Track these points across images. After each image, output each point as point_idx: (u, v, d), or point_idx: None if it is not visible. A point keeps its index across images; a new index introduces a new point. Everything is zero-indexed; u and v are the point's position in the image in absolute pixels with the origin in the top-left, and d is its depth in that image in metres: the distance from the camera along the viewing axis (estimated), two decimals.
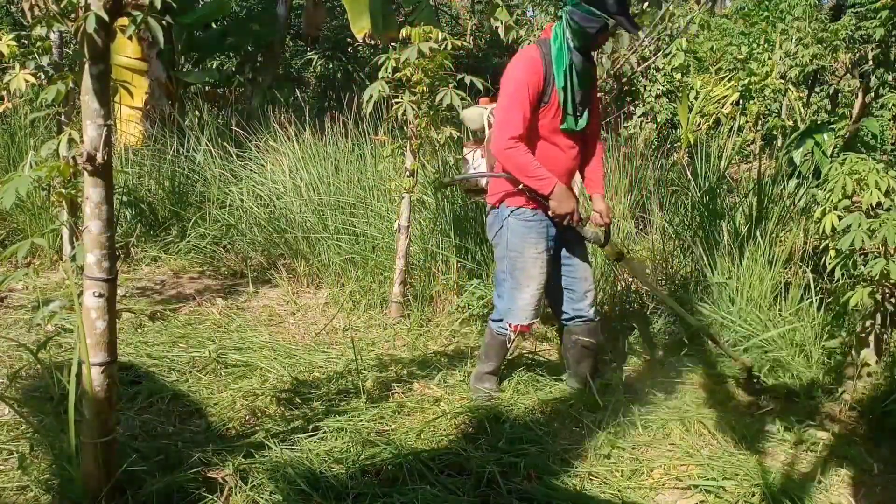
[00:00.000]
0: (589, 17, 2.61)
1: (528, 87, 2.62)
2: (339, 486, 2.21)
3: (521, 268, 2.79)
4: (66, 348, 3.21)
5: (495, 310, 2.97)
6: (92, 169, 1.85)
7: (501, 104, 2.69)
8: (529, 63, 2.66)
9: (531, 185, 2.68)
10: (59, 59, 4.09)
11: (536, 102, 2.66)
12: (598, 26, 2.62)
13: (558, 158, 2.78)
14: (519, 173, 2.67)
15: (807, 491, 2.37)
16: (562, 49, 2.67)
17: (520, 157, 2.64)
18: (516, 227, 2.78)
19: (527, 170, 2.65)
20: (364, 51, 10.47)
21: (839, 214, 3.09)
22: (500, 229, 2.83)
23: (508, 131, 2.62)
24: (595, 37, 2.67)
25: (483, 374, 3.01)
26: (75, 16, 1.80)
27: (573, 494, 2.27)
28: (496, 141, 2.66)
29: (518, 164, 2.65)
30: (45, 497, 2.08)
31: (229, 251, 4.91)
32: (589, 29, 2.63)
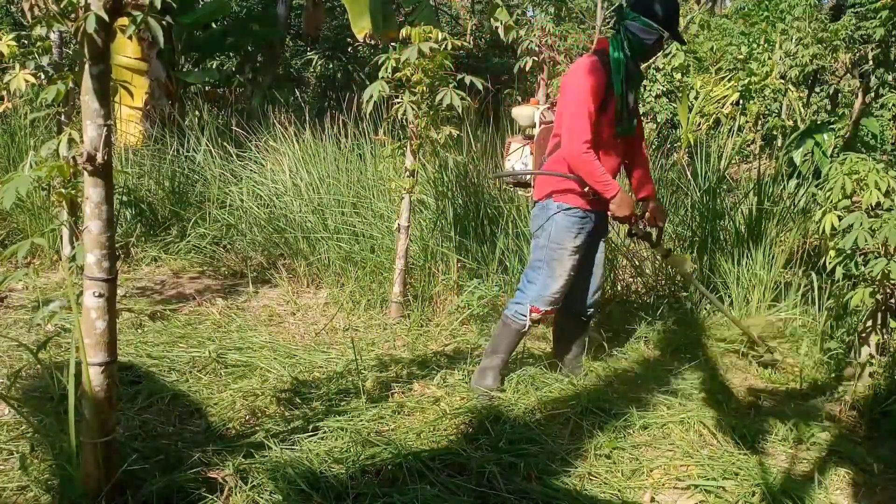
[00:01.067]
0: (647, 29, 2.84)
1: (595, 94, 2.80)
2: (339, 486, 2.21)
3: (559, 259, 2.95)
4: (66, 348, 3.21)
5: (518, 294, 3.05)
6: (92, 169, 1.85)
7: (570, 110, 2.82)
8: (595, 72, 2.82)
9: (597, 188, 2.86)
10: (59, 59, 4.09)
11: (599, 109, 2.83)
12: (654, 38, 2.87)
13: (611, 162, 2.97)
14: (589, 177, 2.84)
15: (807, 491, 2.38)
16: (620, 58, 2.86)
17: (592, 163, 2.81)
18: (562, 222, 2.94)
19: (595, 175, 2.83)
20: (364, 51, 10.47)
21: (839, 214, 3.09)
22: (545, 222, 2.98)
23: (582, 137, 2.78)
24: (651, 48, 2.92)
25: (487, 369, 3.05)
26: (75, 16, 1.80)
27: (573, 494, 2.27)
28: (571, 146, 2.81)
29: (590, 170, 2.82)
30: (45, 497, 2.08)
31: (229, 251, 4.91)
32: (647, 40, 2.86)
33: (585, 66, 2.85)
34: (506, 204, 4.51)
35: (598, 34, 4.76)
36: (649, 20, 2.82)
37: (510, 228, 4.38)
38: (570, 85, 2.86)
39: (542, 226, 2.99)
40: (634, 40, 2.86)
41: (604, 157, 2.91)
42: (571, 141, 2.82)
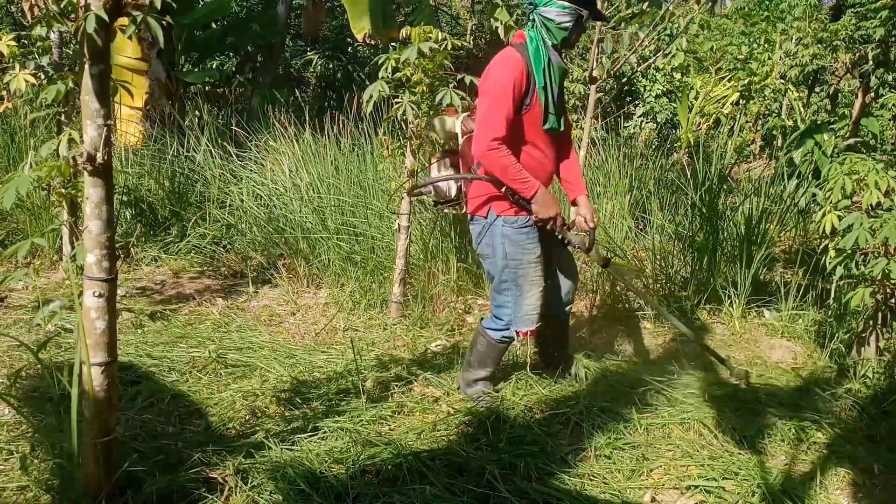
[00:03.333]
0: (562, 10, 2.67)
1: (512, 88, 2.61)
2: (339, 486, 2.21)
3: (523, 275, 2.77)
4: (66, 348, 3.21)
5: (492, 317, 2.92)
6: (92, 169, 1.85)
7: (483, 106, 2.64)
8: (512, 64, 2.64)
9: (514, 187, 2.65)
10: (59, 59, 4.09)
11: (519, 104, 2.65)
12: (573, 20, 2.69)
13: (541, 162, 2.79)
14: (502, 175, 2.63)
15: (807, 491, 2.38)
16: (539, 49, 2.68)
17: (503, 159, 2.60)
18: (510, 235, 2.75)
19: (509, 171, 2.62)
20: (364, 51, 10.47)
21: (839, 214, 3.09)
22: (491, 239, 2.78)
23: (491, 132, 2.58)
24: (571, 31, 2.72)
25: (476, 380, 2.96)
26: (75, 16, 1.80)
27: (573, 494, 2.27)
28: (477, 142, 2.62)
29: (501, 166, 2.61)
30: (45, 497, 2.08)
31: (229, 251, 4.91)
32: (564, 23, 2.69)
33: (501, 60, 2.68)
34: None
35: (597, 34, 4.76)
36: (563, 1, 2.66)
37: None
38: (486, 79, 2.68)
39: (490, 244, 2.79)
40: (552, 26, 2.69)
41: (532, 157, 2.74)
42: (479, 137, 2.61)
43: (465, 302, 4.15)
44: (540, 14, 2.70)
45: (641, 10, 4.67)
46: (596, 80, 4.87)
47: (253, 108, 8.00)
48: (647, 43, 5.17)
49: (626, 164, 5.37)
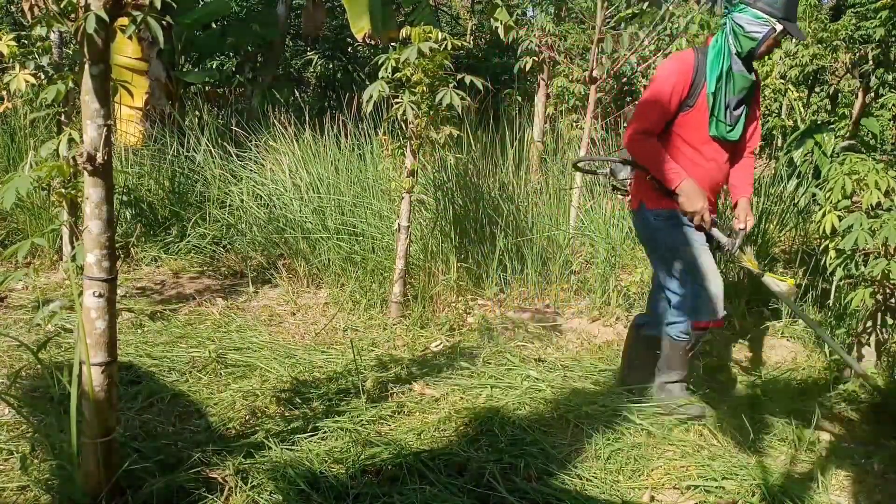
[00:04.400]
0: (754, 20, 2.56)
1: (672, 87, 2.60)
2: (339, 486, 2.21)
3: (693, 261, 2.67)
4: (66, 348, 3.21)
5: (668, 314, 2.79)
6: (92, 169, 1.85)
7: (642, 98, 2.68)
8: (679, 64, 2.64)
9: (659, 176, 2.62)
10: (59, 59, 4.09)
11: (678, 105, 2.63)
12: (765, 31, 2.56)
13: (704, 168, 2.70)
14: (646, 162, 2.64)
15: (807, 491, 2.38)
16: (719, 54, 2.62)
17: (648, 147, 2.60)
18: (662, 227, 2.72)
19: (653, 159, 2.61)
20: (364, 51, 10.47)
21: (839, 214, 3.09)
22: (649, 232, 2.78)
23: (639, 123, 2.62)
24: (760, 42, 2.59)
25: (669, 384, 2.87)
26: (75, 16, 1.80)
27: (573, 495, 2.27)
28: (627, 131, 2.65)
29: (645, 152, 2.62)
30: (45, 497, 2.08)
31: (229, 251, 4.91)
32: (754, 34, 2.57)
33: (674, 56, 2.70)
34: (505, 203, 4.52)
35: (597, 34, 4.76)
36: (759, 10, 2.54)
37: (510, 228, 4.39)
38: (655, 76, 2.71)
39: (649, 237, 2.80)
40: (741, 34, 2.59)
41: (693, 162, 2.67)
42: (630, 127, 2.64)
43: (466, 302, 4.15)
44: (731, 19, 2.62)
45: (641, 10, 4.66)
46: (596, 80, 4.87)
47: (253, 108, 8.00)
48: (647, 43, 5.16)
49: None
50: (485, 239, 4.37)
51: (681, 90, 2.61)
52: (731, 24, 2.62)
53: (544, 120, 6.17)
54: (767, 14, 2.53)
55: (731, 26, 2.62)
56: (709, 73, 2.61)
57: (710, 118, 2.64)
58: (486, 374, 3.20)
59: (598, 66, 4.88)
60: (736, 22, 2.60)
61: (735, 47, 2.62)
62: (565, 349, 3.67)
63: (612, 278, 4.21)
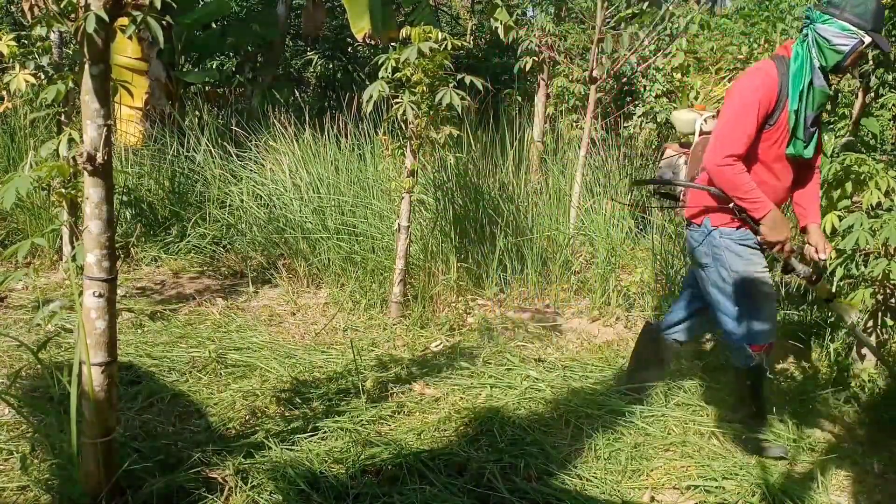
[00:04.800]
0: (842, 33, 2.40)
1: (758, 105, 2.43)
2: (339, 486, 2.21)
3: (752, 287, 2.56)
4: (66, 348, 3.21)
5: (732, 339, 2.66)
6: (92, 169, 1.85)
7: (726, 116, 2.48)
8: (765, 80, 2.46)
9: (744, 205, 2.47)
10: (59, 59, 4.09)
11: (762, 123, 2.47)
12: (852, 43, 2.40)
13: (774, 186, 2.57)
14: (732, 191, 2.46)
15: (807, 491, 2.38)
16: (802, 68, 2.46)
17: (735, 177, 2.43)
18: (730, 247, 2.57)
19: (741, 188, 2.43)
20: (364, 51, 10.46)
21: (839, 214, 3.08)
22: (710, 249, 2.61)
23: (728, 148, 2.43)
24: (847, 56, 2.43)
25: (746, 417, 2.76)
26: (75, 16, 1.80)
27: (573, 495, 2.27)
28: (712, 154, 2.46)
29: (732, 183, 2.44)
30: (45, 497, 2.08)
31: (229, 251, 4.91)
32: (841, 46, 2.41)
33: (754, 71, 2.51)
34: (505, 203, 4.51)
35: (597, 34, 4.76)
36: (846, 22, 2.38)
37: (510, 228, 4.39)
38: (736, 90, 2.51)
39: (708, 254, 2.62)
40: (826, 47, 2.43)
41: (763, 180, 2.53)
42: (714, 149, 2.45)
43: (466, 302, 4.15)
44: (815, 31, 2.45)
45: (641, 10, 4.66)
46: (596, 80, 4.87)
47: (253, 108, 7.99)
48: (647, 43, 5.16)
49: (626, 164, 5.37)
50: (485, 239, 4.37)
51: (767, 106, 2.45)
52: (815, 36, 2.45)
53: (544, 120, 6.17)
54: (855, 26, 2.38)
55: (815, 38, 2.45)
56: (791, 89, 2.46)
57: (791, 137, 2.51)
58: (485, 374, 3.20)
59: (598, 66, 4.88)
60: (820, 34, 2.43)
61: (819, 60, 2.46)
62: (565, 349, 3.67)
63: (612, 278, 4.21)
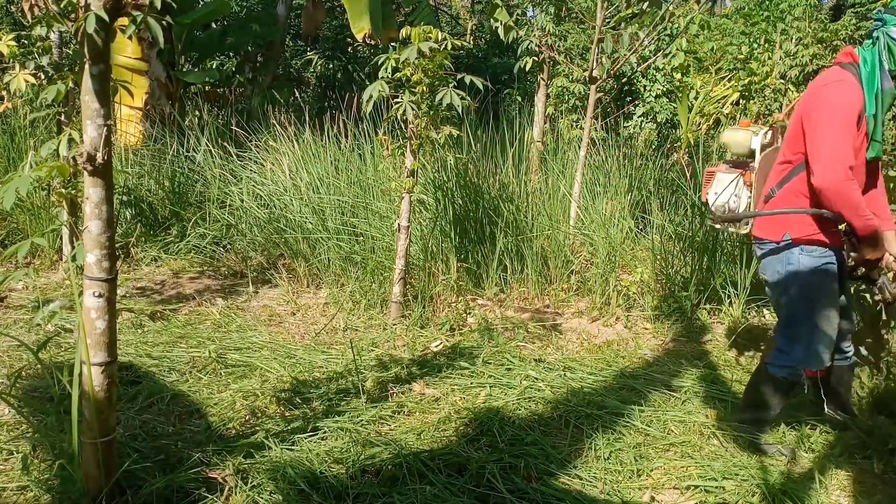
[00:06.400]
0: None
1: (858, 114, 2.39)
2: (339, 486, 2.21)
3: (821, 308, 2.51)
4: (66, 348, 3.21)
5: (782, 355, 2.61)
6: (92, 169, 1.85)
7: (831, 132, 2.38)
8: (852, 88, 2.42)
9: (857, 223, 2.38)
10: (59, 59, 4.09)
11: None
12: None
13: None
14: (849, 211, 2.36)
15: (807, 491, 2.38)
16: (874, 72, 2.44)
17: (853, 194, 2.34)
18: (811, 265, 2.49)
19: (857, 208, 2.35)
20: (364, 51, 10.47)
21: None
22: (785, 267, 2.54)
23: (845, 161, 2.32)
24: None
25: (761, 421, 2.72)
26: (75, 16, 1.80)
27: (573, 495, 2.27)
28: (830, 173, 2.33)
29: (851, 202, 2.34)
30: (45, 497, 2.08)
31: (229, 251, 4.91)
32: None
33: (839, 83, 2.43)
34: (505, 203, 4.52)
35: (597, 34, 4.76)
36: None
37: (510, 228, 4.39)
38: (828, 101, 2.41)
39: (781, 272, 2.54)
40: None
41: None
42: (832, 167, 2.33)
43: (466, 302, 4.15)
44: (887, 34, 2.42)
45: (641, 10, 4.67)
46: (596, 80, 4.87)
47: (253, 108, 8.00)
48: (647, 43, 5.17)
49: (626, 164, 5.38)
50: (485, 239, 4.37)
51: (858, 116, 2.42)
52: (886, 40, 2.42)
53: (544, 120, 6.17)
54: None
55: (887, 41, 2.42)
56: (867, 94, 2.44)
57: (871, 141, 2.48)
58: (485, 374, 3.20)
59: (598, 66, 4.88)
60: (893, 37, 2.41)
61: (888, 63, 2.44)
62: (565, 349, 3.67)
63: (612, 278, 4.21)
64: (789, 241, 2.51)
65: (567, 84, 7.59)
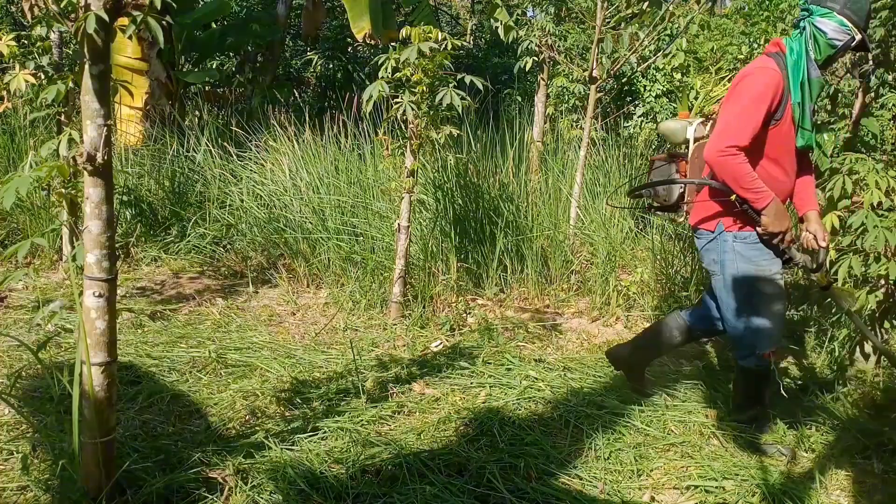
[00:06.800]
0: (840, 27, 2.48)
1: (766, 102, 2.45)
2: (339, 486, 2.21)
3: (761, 292, 2.57)
4: (66, 348, 3.21)
5: (740, 345, 2.69)
6: (92, 169, 1.85)
7: (731, 111, 2.48)
8: (771, 77, 2.47)
9: (745, 195, 2.46)
10: (59, 59, 4.09)
11: (769, 119, 2.49)
12: (846, 39, 2.50)
13: (783, 182, 2.60)
14: (733, 182, 2.45)
15: (807, 491, 2.38)
16: (800, 61, 2.51)
17: (737, 166, 2.41)
18: (743, 252, 2.56)
19: (743, 179, 2.42)
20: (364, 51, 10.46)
21: (839, 214, 3.08)
22: (720, 256, 2.61)
23: (731, 139, 2.42)
24: (839, 50, 2.53)
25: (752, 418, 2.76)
26: (75, 16, 1.80)
27: (573, 495, 2.27)
28: (713, 145, 2.45)
29: (734, 173, 2.42)
30: (45, 497, 2.08)
31: (229, 251, 4.91)
32: (836, 41, 2.50)
33: (758, 69, 2.51)
34: (505, 203, 4.52)
35: (597, 34, 4.76)
36: (845, 18, 2.46)
37: (510, 228, 4.39)
38: (741, 86, 2.51)
39: (717, 261, 2.62)
40: (822, 40, 2.49)
41: (771, 175, 2.54)
42: (716, 140, 2.44)
43: (465, 302, 4.15)
44: (813, 24, 2.51)
45: (641, 10, 4.66)
46: (596, 80, 4.87)
47: (253, 108, 8.00)
48: (647, 43, 5.16)
49: (626, 164, 5.37)
50: (485, 239, 4.37)
51: (774, 104, 2.48)
52: (812, 29, 2.51)
53: (544, 120, 6.17)
54: (851, 22, 2.47)
55: (812, 31, 2.51)
56: (792, 82, 2.50)
57: (798, 129, 2.54)
58: (485, 374, 3.20)
59: (598, 66, 4.88)
60: (818, 27, 2.50)
61: (814, 53, 2.52)
62: (565, 349, 3.67)
63: (612, 278, 4.21)
64: (723, 230, 2.59)
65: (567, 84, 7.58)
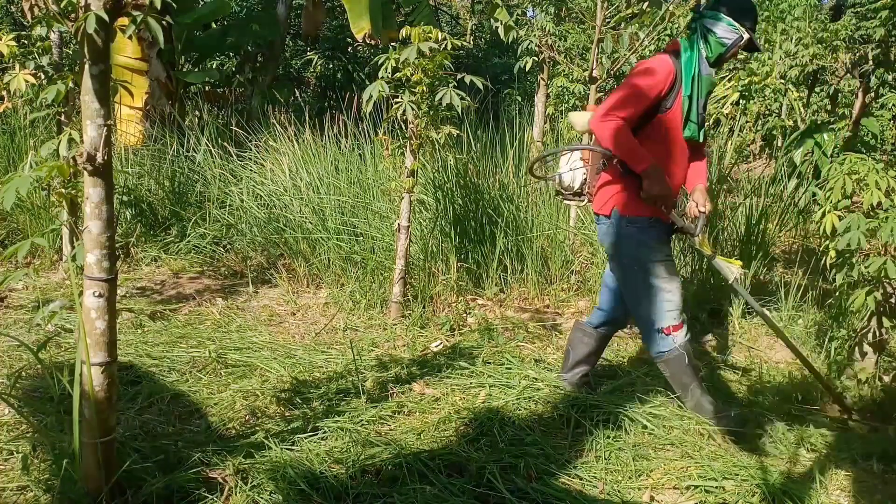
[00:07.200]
0: (728, 28, 2.73)
1: (652, 88, 2.64)
2: (339, 486, 2.21)
3: (655, 273, 2.71)
4: (66, 348, 3.21)
5: (645, 332, 2.81)
6: (92, 169, 1.85)
7: (619, 89, 2.66)
8: (662, 66, 2.68)
9: (625, 157, 2.63)
10: (59, 59, 4.09)
11: (654, 107, 2.68)
12: (734, 38, 2.73)
13: (674, 171, 2.76)
14: (612, 144, 2.61)
15: (807, 491, 2.38)
16: (692, 58, 2.73)
17: (617, 129, 2.58)
18: (635, 236, 2.72)
19: (623, 142, 2.59)
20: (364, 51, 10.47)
21: (839, 214, 3.08)
22: (617, 240, 2.76)
23: (613, 108, 2.60)
24: (729, 49, 2.76)
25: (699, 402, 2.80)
26: (75, 16, 1.80)
27: (573, 494, 2.27)
28: (596, 113, 2.64)
29: (613, 135, 2.58)
30: (45, 497, 2.08)
31: (229, 251, 4.91)
32: (725, 40, 2.73)
33: (655, 59, 2.74)
34: (505, 203, 4.52)
35: (597, 34, 4.76)
36: (732, 19, 2.71)
37: (510, 228, 4.39)
38: (633, 72, 2.71)
39: (614, 244, 2.77)
40: (712, 39, 2.74)
41: (667, 164, 2.69)
42: (600, 109, 2.63)
43: (465, 302, 4.15)
44: (704, 25, 2.76)
45: (641, 10, 4.67)
46: (596, 80, 4.87)
47: (253, 108, 8.01)
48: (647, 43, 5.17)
49: None
50: (485, 239, 4.37)
51: (664, 89, 2.67)
52: (703, 30, 2.76)
53: (544, 120, 6.17)
54: (738, 23, 2.72)
55: (703, 32, 2.76)
56: (685, 77, 2.70)
57: (685, 121, 2.72)
58: (485, 374, 3.20)
59: (598, 66, 4.88)
60: (708, 28, 2.74)
61: (705, 51, 2.76)
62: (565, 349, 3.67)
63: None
64: (618, 215, 2.74)
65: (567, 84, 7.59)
